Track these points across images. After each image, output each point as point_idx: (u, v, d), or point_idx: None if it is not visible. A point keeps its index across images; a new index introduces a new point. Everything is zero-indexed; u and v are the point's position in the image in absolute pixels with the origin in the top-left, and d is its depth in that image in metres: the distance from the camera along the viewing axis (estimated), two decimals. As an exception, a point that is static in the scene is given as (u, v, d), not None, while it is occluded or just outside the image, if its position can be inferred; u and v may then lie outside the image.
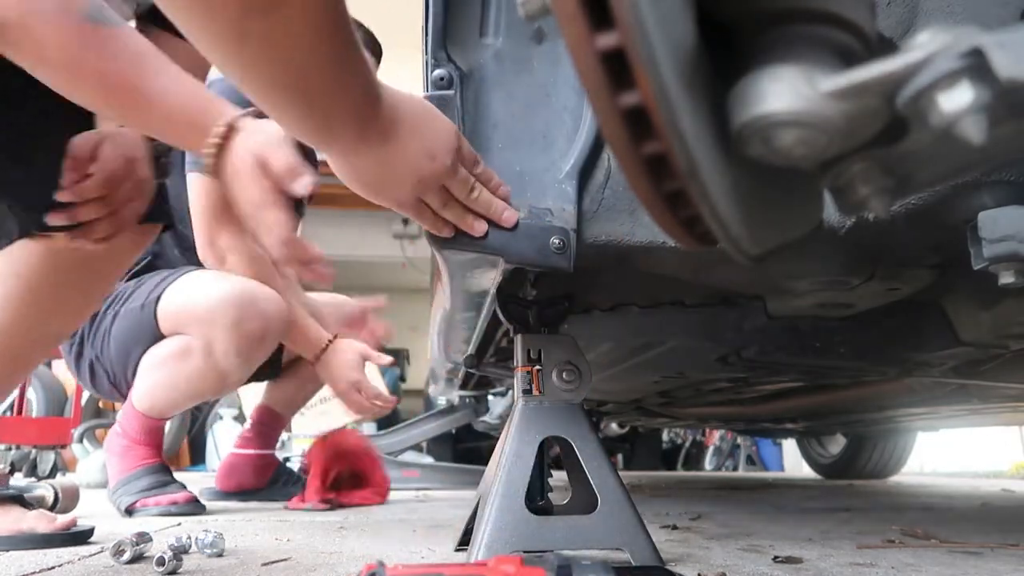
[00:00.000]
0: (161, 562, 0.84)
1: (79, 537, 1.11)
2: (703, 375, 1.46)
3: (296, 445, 2.84)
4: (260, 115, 0.82)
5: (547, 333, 0.93)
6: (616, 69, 0.31)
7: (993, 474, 4.33)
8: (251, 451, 2.08)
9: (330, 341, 1.73)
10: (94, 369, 1.74)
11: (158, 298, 1.63)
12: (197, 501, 1.63)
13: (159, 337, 1.63)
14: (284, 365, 2.08)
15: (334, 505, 1.77)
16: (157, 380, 1.63)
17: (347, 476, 1.90)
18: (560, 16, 0.31)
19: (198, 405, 2.06)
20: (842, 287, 0.90)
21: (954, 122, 0.30)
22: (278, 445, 2.30)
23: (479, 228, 0.75)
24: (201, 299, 1.58)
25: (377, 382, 4.83)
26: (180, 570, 0.86)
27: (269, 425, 2.13)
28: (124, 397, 1.76)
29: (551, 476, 1.03)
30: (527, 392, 0.89)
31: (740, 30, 0.37)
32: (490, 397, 2.76)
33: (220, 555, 0.97)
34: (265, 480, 2.05)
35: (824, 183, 0.38)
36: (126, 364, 1.68)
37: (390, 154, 0.69)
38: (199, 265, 1.68)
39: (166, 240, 1.80)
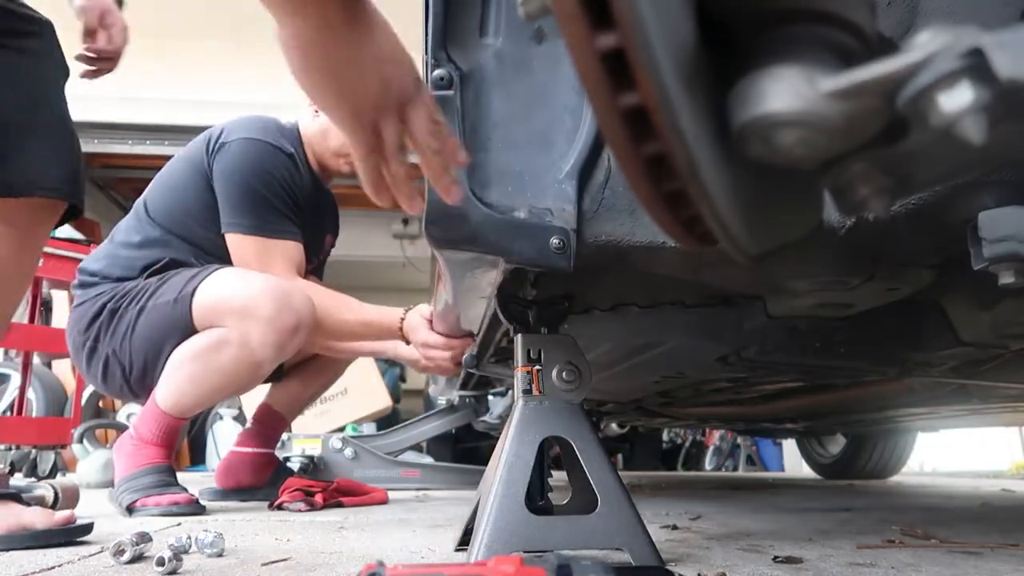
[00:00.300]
0: (161, 562, 0.84)
1: (78, 532, 1.10)
2: (703, 375, 1.46)
3: (296, 445, 2.83)
4: None
5: (547, 333, 0.93)
6: (616, 69, 0.31)
7: (993, 474, 4.33)
8: (250, 449, 2.08)
9: (402, 319, 1.72)
10: (108, 365, 1.74)
11: (193, 291, 1.64)
12: (198, 502, 1.63)
13: (191, 331, 1.65)
14: (288, 367, 2.09)
15: (315, 506, 1.75)
16: (187, 374, 1.64)
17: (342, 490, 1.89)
18: (560, 16, 0.31)
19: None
20: (842, 287, 0.90)
21: (954, 122, 0.30)
22: (278, 445, 2.30)
23: (415, 206, 0.70)
24: (238, 293, 1.62)
25: (376, 382, 4.81)
26: (180, 570, 0.86)
27: (269, 425, 2.12)
28: (134, 395, 1.76)
29: (551, 476, 1.03)
30: (527, 392, 0.89)
31: (740, 30, 0.37)
32: (490, 397, 2.76)
33: (220, 555, 0.97)
34: (265, 479, 2.04)
35: (824, 183, 0.38)
36: (155, 358, 1.68)
37: (364, 43, 0.64)
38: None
39: (181, 243, 1.81)
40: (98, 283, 1.78)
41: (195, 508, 1.60)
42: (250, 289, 1.61)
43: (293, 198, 1.81)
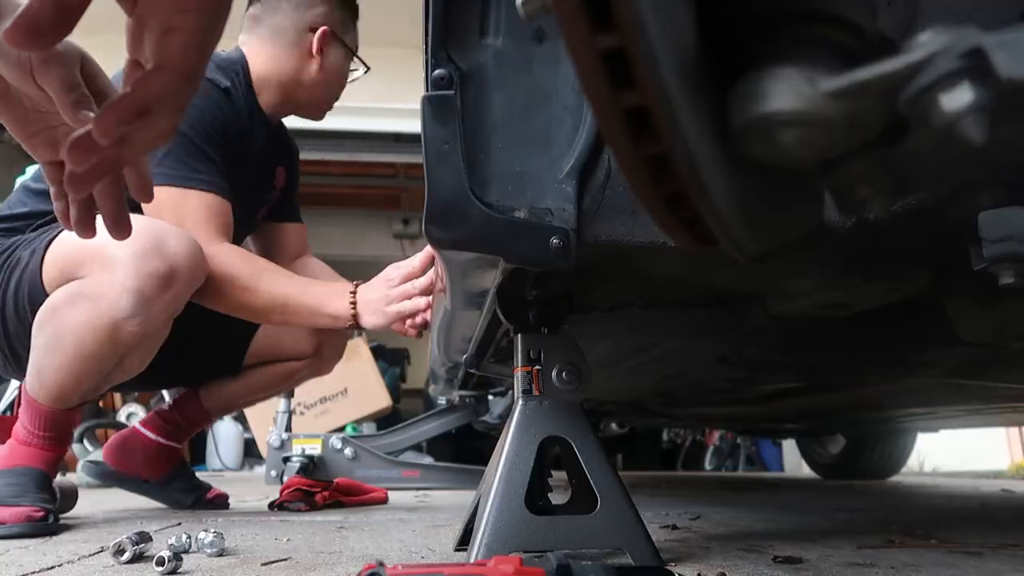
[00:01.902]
0: (161, 562, 0.84)
1: None
2: (703, 375, 1.46)
3: (296, 445, 2.83)
4: None
5: (547, 333, 0.93)
6: (616, 69, 0.31)
7: (993, 474, 4.33)
8: (154, 436, 1.77)
9: (353, 292, 1.48)
10: None
11: (49, 243, 1.34)
12: (48, 520, 1.26)
13: (43, 292, 1.34)
14: (246, 366, 1.82)
15: (315, 506, 1.74)
16: (41, 344, 1.30)
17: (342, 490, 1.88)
18: (560, 16, 0.31)
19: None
20: (842, 287, 0.90)
21: (955, 122, 0.30)
22: (186, 440, 1.92)
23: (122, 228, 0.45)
24: (97, 236, 1.38)
25: (376, 382, 4.76)
26: (180, 570, 0.86)
27: (188, 414, 1.82)
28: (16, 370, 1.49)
29: (551, 476, 1.03)
30: (527, 392, 0.89)
31: (741, 30, 0.37)
32: (490, 397, 2.76)
33: (220, 555, 0.97)
34: (159, 474, 1.76)
35: (824, 183, 0.38)
36: (22, 334, 1.38)
37: None
38: None
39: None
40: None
41: (46, 527, 1.25)
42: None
43: (224, 139, 1.54)
